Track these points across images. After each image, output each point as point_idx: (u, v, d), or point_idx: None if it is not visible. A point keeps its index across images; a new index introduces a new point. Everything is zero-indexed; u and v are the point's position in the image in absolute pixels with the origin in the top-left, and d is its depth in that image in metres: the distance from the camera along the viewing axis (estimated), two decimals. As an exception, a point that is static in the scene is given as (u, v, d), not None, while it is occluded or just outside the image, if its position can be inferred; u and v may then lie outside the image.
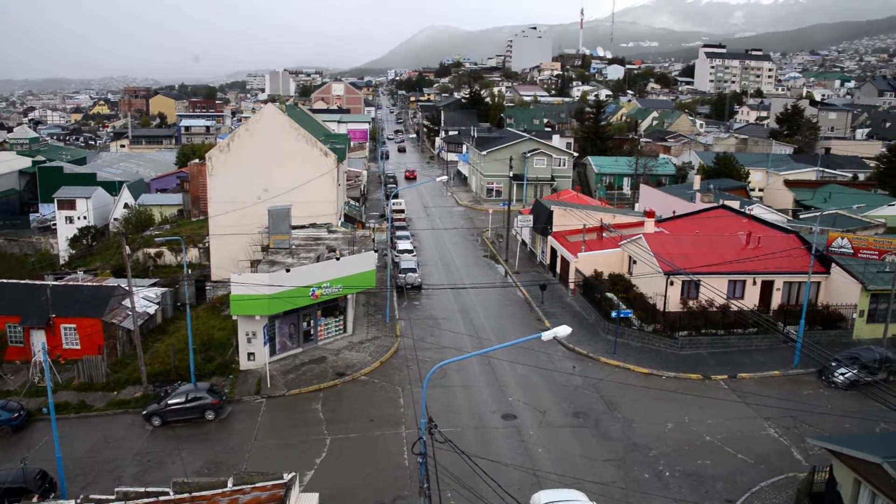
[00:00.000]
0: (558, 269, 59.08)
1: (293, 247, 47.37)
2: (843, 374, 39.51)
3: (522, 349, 41.60)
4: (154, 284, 54.77)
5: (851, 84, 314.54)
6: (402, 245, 65.25)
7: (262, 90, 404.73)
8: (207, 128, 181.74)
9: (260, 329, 40.19)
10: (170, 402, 35.80)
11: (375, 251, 48.17)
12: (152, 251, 65.67)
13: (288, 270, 40.72)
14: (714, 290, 44.80)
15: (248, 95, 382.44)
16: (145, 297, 50.12)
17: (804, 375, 41.25)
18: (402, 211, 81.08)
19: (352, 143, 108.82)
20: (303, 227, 52.40)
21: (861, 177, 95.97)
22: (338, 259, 43.52)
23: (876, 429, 34.33)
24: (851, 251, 46.95)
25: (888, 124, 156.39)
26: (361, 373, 40.93)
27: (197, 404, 35.77)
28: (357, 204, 79.18)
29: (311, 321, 44.24)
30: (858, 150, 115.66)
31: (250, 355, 41.20)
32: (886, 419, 34.27)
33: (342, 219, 63.29)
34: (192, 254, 64.30)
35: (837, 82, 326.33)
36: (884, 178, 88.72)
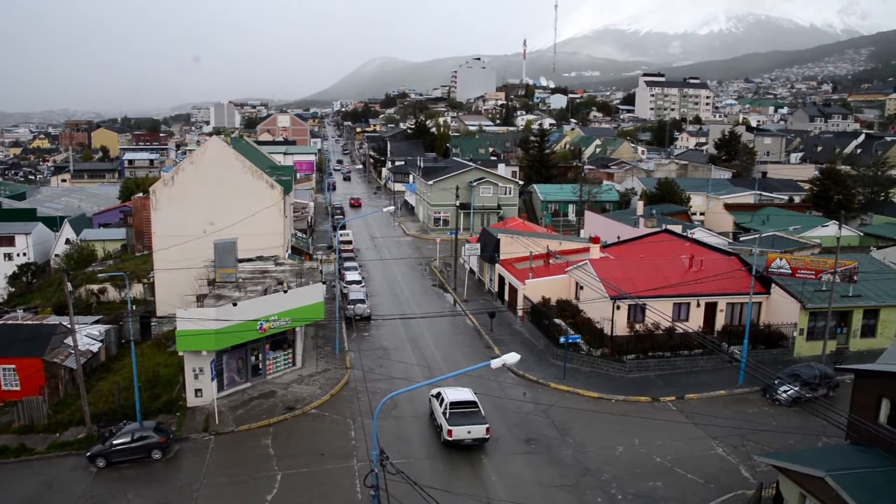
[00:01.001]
0: (506, 297, 59.48)
1: (240, 280, 46.89)
2: (785, 392, 40.48)
3: (473, 377, 41.75)
4: (97, 322, 53.60)
5: (784, 110, 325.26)
6: (351, 276, 65.05)
7: (207, 122, 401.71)
8: (151, 161, 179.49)
9: (207, 364, 39.58)
10: (115, 442, 34.89)
11: (323, 283, 47.93)
12: (95, 287, 64.29)
13: (235, 304, 40.28)
14: (660, 313, 45.63)
15: (193, 128, 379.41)
16: (88, 335, 48.98)
17: (749, 394, 42.14)
18: (349, 242, 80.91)
19: (298, 175, 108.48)
20: (249, 259, 51.94)
21: (796, 199, 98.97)
22: (285, 291, 43.21)
23: (818, 443, 35.16)
24: (790, 271, 48.23)
25: (819, 148, 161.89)
26: (311, 406, 40.53)
27: (143, 444, 34.94)
28: (304, 235, 78.79)
29: (260, 355, 43.76)
30: (793, 173, 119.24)
31: (198, 391, 40.50)
32: (828, 434, 35.12)
33: (289, 251, 62.90)
34: (137, 289, 63.14)
35: (771, 109, 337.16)
36: (817, 200, 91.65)
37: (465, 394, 36.98)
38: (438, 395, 37.89)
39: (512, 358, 21.07)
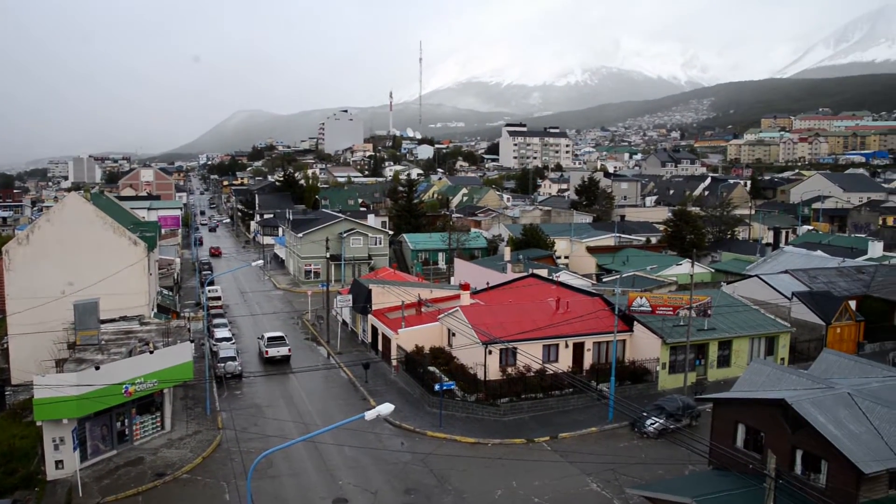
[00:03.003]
0: (380, 347, 59.40)
1: (103, 342, 44.79)
2: (652, 425, 42.24)
3: (349, 430, 41.26)
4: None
5: (638, 156, 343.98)
6: (220, 333, 63.23)
7: (66, 178, 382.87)
8: (4, 219, 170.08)
9: (68, 433, 37.36)
10: (-36, 525, 32.37)
11: (192, 341, 46.47)
12: (-62, 359, 59.63)
13: (97, 368, 38.39)
14: (530, 355, 46.82)
15: (50, 184, 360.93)
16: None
17: (619, 429, 43.67)
18: (218, 298, 78.80)
19: (163, 231, 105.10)
20: (112, 320, 49.72)
21: (653, 240, 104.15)
22: (151, 352, 41.60)
23: (685, 471, 36.77)
24: (650, 309, 50.61)
25: (671, 191, 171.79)
26: (183, 471, 38.90)
27: (-4, 524, 32.58)
28: (171, 293, 76.17)
29: (126, 420, 41.70)
30: (649, 215, 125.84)
31: (58, 463, 38.10)
32: (693, 461, 36.84)
33: (155, 309, 60.64)
34: (-14, 359, 58.97)
35: (626, 155, 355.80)
36: (671, 241, 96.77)
37: (278, 333, 60.99)
38: (262, 336, 61.01)
39: (386, 408, 21.22)
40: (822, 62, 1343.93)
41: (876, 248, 79.01)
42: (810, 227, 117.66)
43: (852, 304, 59.08)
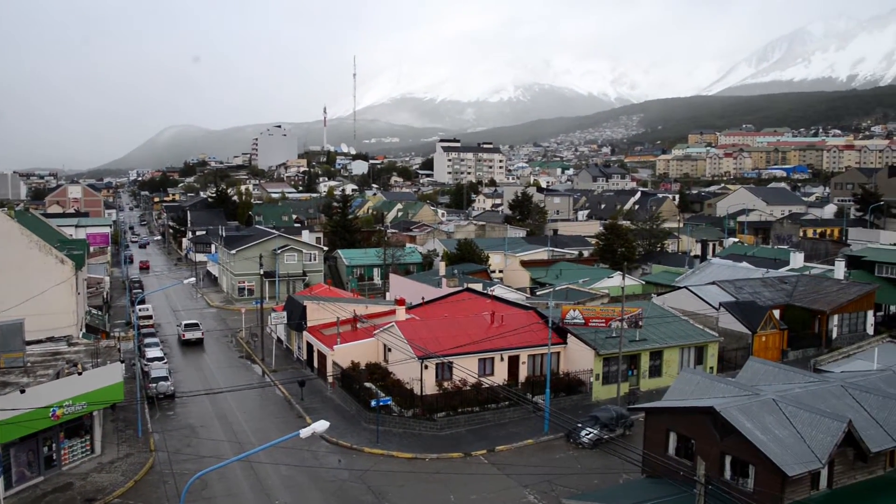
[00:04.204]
0: (316, 364, 58.94)
1: (28, 364, 43.39)
2: (587, 435, 42.89)
3: (286, 449, 40.83)
4: None
5: (570, 171, 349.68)
6: (152, 353, 61.78)
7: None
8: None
9: (-10, 461, 36.08)
10: None
11: (122, 361, 45.45)
12: None
13: (23, 391, 37.15)
14: (466, 369, 47.12)
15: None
16: None
17: (554, 440, 44.21)
18: (149, 317, 77.05)
19: (92, 248, 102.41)
20: (39, 341, 48.19)
21: (585, 253, 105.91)
22: (80, 374, 40.47)
23: (619, 480, 37.42)
24: (583, 321, 51.50)
25: (603, 206, 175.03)
26: (114, 496, 37.86)
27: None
28: (100, 312, 74.22)
29: (54, 444, 40.39)
30: (581, 229, 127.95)
31: (-21, 492, 36.75)
32: (627, 470, 37.52)
33: (84, 329, 59.02)
34: None
35: (559, 170, 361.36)
36: (603, 254, 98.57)
37: (193, 321, 73.19)
38: (180, 323, 72.91)
39: (321, 426, 21.16)
40: (745, 80, 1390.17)
41: (797, 259, 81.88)
42: (736, 240, 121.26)
43: (776, 313, 61.19)
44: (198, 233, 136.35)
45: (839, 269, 72.28)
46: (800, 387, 32.97)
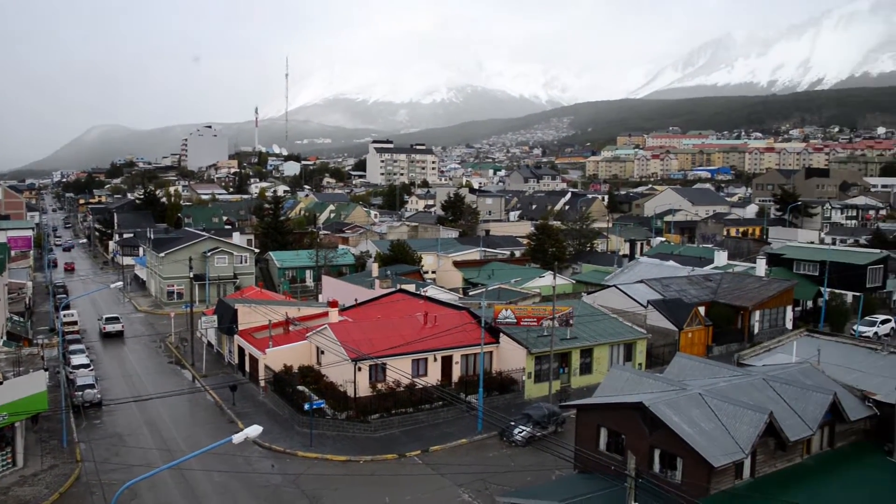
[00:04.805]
0: (248, 368, 58.04)
1: (-60, 375, 41.68)
2: (520, 433, 43.31)
3: (217, 455, 40.06)
4: None
5: (502, 172, 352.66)
6: (77, 360, 59.90)
7: None
8: None
9: None
10: None
11: (46, 369, 43.98)
12: None
13: (-65, 402, 35.72)
14: (399, 370, 47.08)
15: None
16: None
17: (488, 439, 44.50)
18: (75, 323, 74.79)
19: (13, 253, 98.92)
20: (-48, 351, 46.38)
21: (517, 253, 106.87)
22: (0, 383, 39.10)
23: (552, 477, 37.82)
24: (515, 320, 52.00)
25: (534, 206, 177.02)
26: (35, 507, 36.65)
27: None
28: (22, 319, 71.72)
29: (-31, 457, 38.93)
30: (512, 230, 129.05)
31: None
32: (560, 467, 37.93)
33: (4, 337, 56.94)
34: None
35: (491, 171, 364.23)
36: (534, 254, 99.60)
37: (114, 315, 77.34)
38: (101, 317, 75.77)
39: (254, 431, 20.88)
40: (672, 84, 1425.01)
41: (721, 258, 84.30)
42: (663, 239, 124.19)
43: (701, 309, 62.87)
44: (125, 235, 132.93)
45: (760, 267, 74.73)
46: (724, 381, 33.92)
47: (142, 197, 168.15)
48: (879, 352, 39.63)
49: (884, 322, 67.76)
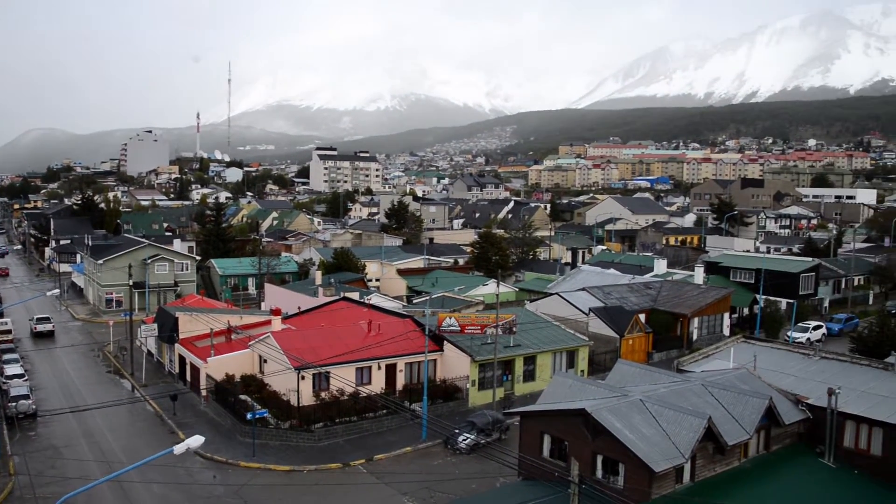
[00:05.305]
0: (189, 377, 57.09)
1: None
2: (464, 441, 43.50)
3: (157, 466, 39.38)
4: None
5: (446, 181, 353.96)
6: (11, 370, 58.19)
7: None
8: None
9: None
10: None
11: (-25, 380, 42.60)
12: None
13: None
14: (343, 379, 46.87)
15: None
16: None
17: (433, 447, 44.57)
18: (8, 332, 72.57)
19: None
20: None
21: (460, 261, 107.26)
22: (-74, 394, 37.78)
23: (497, 484, 38.08)
24: (459, 328, 52.24)
25: (477, 214, 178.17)
26: (-35, 523, 35.51)
27: None
28: (-52, 329, 69.30)
29: None
30: (456, 238, 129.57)
31: None
32: (504, 474, 38.19)
33: (-72, 348, 54.98)
34: None
35: (434, 179, 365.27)
36: (478, 262, 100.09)
37: (45, 315, 78.95)
38: (32, 317, 76.85)
39: (196, 441, 20.66)
40: (612, 95, 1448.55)
41: (661, 266, 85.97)
42: (604, 247, 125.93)
43: (642, 317, 64.04)
44: (62, 242, 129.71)
45: (698, 275, 76.55)
46: (664, 387, 34.65)
47: (80, 202, 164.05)
48: (812, 357, 40.89)
49: (816, 328, 70.04)
